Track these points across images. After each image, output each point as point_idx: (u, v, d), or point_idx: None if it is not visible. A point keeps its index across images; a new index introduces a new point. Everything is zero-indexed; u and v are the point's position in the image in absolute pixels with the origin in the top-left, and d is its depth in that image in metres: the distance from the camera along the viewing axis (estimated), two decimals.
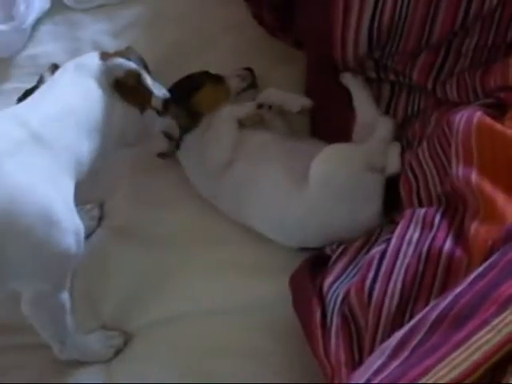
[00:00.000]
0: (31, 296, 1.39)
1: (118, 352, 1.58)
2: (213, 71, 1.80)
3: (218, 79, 1.78)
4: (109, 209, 1.77)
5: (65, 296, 1.43)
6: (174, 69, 1.87)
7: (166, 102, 1.55)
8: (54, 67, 1.56)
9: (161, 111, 1.57)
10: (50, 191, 1.30)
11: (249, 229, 1.66)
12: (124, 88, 1.52)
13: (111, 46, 1.95)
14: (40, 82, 1.54)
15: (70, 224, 1.33)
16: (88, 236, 1.69)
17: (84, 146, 1.41)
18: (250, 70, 1.82)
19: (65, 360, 1.53)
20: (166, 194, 1.77)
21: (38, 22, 2.04)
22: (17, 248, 1.27)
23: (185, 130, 1.70)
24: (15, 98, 1.85)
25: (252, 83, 1.81)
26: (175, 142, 1.69)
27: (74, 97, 1.44)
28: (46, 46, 2.01)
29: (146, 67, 1.60)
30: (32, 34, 2.03)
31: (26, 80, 1.91)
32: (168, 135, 1.67)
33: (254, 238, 1.65)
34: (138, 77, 1.51)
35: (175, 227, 1.72)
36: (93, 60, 1.52)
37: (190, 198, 1.74)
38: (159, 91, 1.53)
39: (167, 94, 1.56)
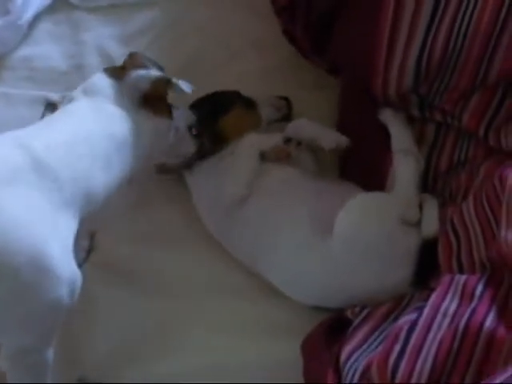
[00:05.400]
0: (12, 351, 1.37)
1: None
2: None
3: (249, 104, 1.80)
4: (100, 242, 1.78)
5: (49, 353, 1.41)
6: None
7: None
8: (53, 106, 1.56)
9: None
10: (45, 231, 1.27)
11: (260, 278, 1.67)
12: (151, 101, 1.54)
13: (118, 52, 1.99)
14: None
15: (64, 272, 1.30)
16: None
17: (98, 180, 1.40)
18: (286, 100, 1.85)
19: None
20: (168, 231, 1.79)
21: (37, 18, 2.08)
22: (0, 296, 1.25)
23: (202, 154, 1.71)
24: (1, 104, 1.88)
25: (287, 115, 1.85)
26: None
27: (87, 124, 1.44)
28: (43, 47, 2.05)
29: (161, 69, 1.61)
30: (28, 32, 2.06)
31: (17, 84, 1.96)
32: (193, 133, 1.67)
33: (264, 290, 1.67)
34: (167, 83, 1.54)
35: (176, 271, 1.73)
36: (102, 80, 1.53)
37: (197, 237, 1.76)
38: (189, 88, 1.57)
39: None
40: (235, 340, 1.63)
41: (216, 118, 1.74)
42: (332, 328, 1.50)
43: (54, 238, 1.29)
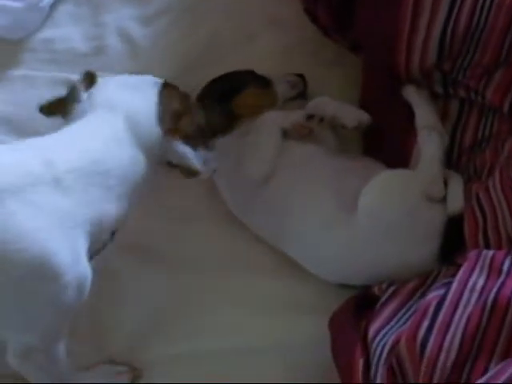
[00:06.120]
0: (18, 349, 1.38)
1: None
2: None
3: (264, 82, 1.80)
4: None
5: (58, 348, 1.43)
6: (208, 64, 1.90)
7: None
8: (90, 78, 1.54)
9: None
10: (55, 240, 1.28)
11: (284, 255, 1.68)
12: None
13: (140, 34, 1.99)
14: (71, 94, 1.52)
15: (72, 278, 1.31)
16: (98, 252, 1.71)
17: (111, 210, 1.40)
18: (301, 76, 1.85)
19: None
20: (191, 209, 1.79)
21: (58, 0, 2.06)
22: (4, 298, 1.26)
23: (217, 132, 1.70)
24: (22, 86, 1.89)
25: (302, 92, 1.84)
26: None
27: (111, 158, 1.40)
28: (64, 30, 2.04)
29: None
30: (50, 14, 2.05)
31: (38, 67, 1.97)
32: None
33: (289, 267, 1.68)
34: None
35: (200, 249, 1.74)
36: (151, 125, 1.47)
37: (219, 215, 1.76)
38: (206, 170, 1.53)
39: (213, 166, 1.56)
40: (260, 318, 1.65)
41: (231, 98, 1.74)
42: (359, 305, 1.50)
43: (62, 246, 1.29)
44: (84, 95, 1.51)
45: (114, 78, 1.56)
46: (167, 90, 1.54)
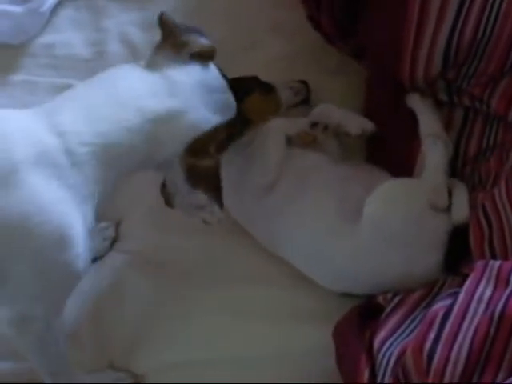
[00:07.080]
0: (16, 317, 1.37)
1: None
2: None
3: (268, 88, 1.79)
4: (125, 230, 1.79)
5: (58, 322, 1.43)
6: None
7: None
8: (208, 52, 1.52)
9: None
10: (73, 212, 1.29)
11: (286, 263, 1.67)
12: None
13: (141, 39, 1.98)
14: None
15: (83, 249, 1.33)
16: (99, 258, 1.71)
17: (108, 187, 1.38)
18: (304, 83, 1.84)
19: None
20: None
21: (58, 5, 2.06)
22: (20, 269, 1.27)
23: (232, 137, 1.68)
24: (22, 91, 1.88)
25: (306, 99, 1.84)
26: None
27: (123, 136, 1.34)
28: (64, 35, 2.04)
29: None
30: (50, 19, 2.05)
31: (38, 72, 1.96)
32: None
33: (291, 275, 1.67)
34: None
35: (200, 258, 1.74)
36: (180, 141, 1.41)
37: (221, 224, 1.73)
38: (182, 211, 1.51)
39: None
40: (262, 327, 1.65)
41: (240, 101, 1.72)
42: (363, 314, 1.49)
43: (78, 219, 1.30)
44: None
45: (212, 78, 1.52)
46: (222, 127, 1.47)
